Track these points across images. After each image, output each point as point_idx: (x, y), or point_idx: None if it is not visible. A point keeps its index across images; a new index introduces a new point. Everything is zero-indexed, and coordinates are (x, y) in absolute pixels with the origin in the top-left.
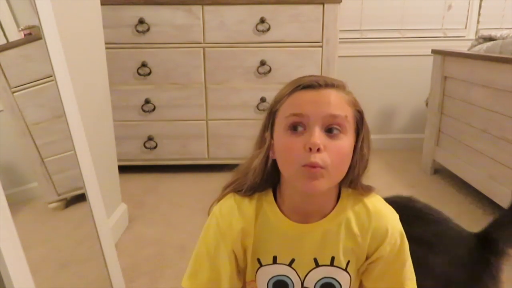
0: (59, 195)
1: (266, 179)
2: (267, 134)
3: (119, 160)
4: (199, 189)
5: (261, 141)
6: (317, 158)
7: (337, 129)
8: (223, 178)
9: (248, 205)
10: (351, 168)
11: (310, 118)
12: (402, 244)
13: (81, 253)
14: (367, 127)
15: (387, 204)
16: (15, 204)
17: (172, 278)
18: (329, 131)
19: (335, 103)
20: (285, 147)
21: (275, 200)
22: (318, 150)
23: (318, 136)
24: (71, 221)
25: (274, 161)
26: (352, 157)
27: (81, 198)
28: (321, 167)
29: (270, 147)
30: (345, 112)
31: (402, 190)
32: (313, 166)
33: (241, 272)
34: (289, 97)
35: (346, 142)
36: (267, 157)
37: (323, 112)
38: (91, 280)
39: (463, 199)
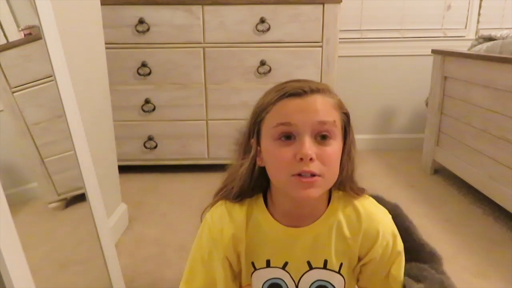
0: (59, 195)
1: (254, 186)
2: (253, 141)
3: (119, 160)
4: (199, 189)
5: (246, 148)
6: (311, 167)
7: (326, 135)
8: (223, 178)
9: (239, 211)
10: (340, 170)
11: (299, 127)
12: (395, 245)
13: (81, 253)
14: (352, 128)
15: (378, 206)
16: (15, 204)
17: (172, 278)
18: (318, 138)
19: (322, 109)
20: (275, 157)
21: (266, 205)
22: (311, 159)
23: (309, 146)
24: (71, 221)
25: (262, 168)
26: (341, 159)
27: (81, 198)
28: (318, 175)
29: (257, 154)
30: (333, 117)
31: (402, 190)
32: (308, 173)
33: (236, 276)
34: (275, 105)
35: (335, 147)
36: (253, 164)
37: (312, 119)
38: (91, 280)
39: (463, 199)
